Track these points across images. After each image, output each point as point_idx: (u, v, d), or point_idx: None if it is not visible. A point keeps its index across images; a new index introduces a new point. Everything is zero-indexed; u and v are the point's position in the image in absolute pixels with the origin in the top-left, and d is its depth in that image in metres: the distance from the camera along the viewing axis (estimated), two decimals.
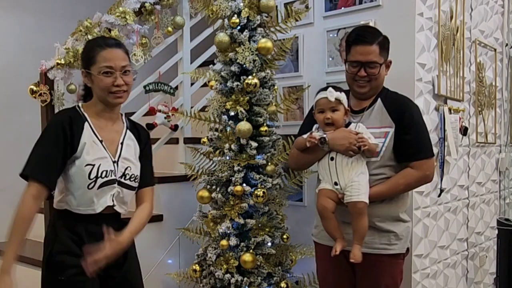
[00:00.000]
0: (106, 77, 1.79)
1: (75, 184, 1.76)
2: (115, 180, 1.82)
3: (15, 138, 3.73)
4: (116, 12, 2.76)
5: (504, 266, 3.18)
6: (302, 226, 2.87)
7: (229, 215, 2.50)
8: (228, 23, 2.55)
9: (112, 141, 1.86)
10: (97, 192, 1.78)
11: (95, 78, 1.80)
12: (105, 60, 1.79)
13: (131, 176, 1.87)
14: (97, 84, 1.80)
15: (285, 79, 3.04)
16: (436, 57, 2.75)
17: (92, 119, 1.84)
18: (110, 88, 1.80)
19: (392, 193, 2.06)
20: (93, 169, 1.76)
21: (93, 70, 1.80)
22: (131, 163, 1.88)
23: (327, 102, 2.02)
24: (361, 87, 2.10)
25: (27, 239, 1.94)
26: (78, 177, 1.76)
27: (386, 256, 2.07)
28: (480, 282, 3.41)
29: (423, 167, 2.05)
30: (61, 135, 1.73)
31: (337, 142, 1.98)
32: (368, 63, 2.05)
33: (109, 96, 1.81)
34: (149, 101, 3.14)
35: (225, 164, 2.55)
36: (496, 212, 3.62)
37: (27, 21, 3.91)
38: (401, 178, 2.05)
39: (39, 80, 2.72)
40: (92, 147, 1.78)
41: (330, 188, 2.03)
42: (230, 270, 2.48)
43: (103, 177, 1.78)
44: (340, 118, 2.03)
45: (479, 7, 3.27)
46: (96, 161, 1.77)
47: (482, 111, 3.35)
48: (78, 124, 1.78)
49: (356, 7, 2.76)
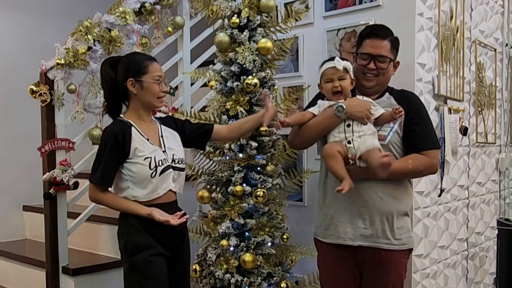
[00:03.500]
0: (158, 85, 2.13)
1: (139, 177, 2.08)
2: (169, 166, 2.14)
3: (15, 138, 3.74)
4: (116, 12, 2.76)
5: (504, 266, 3.18)
6: (302, 226, 2.87)
7: (229, 215, 2.50)
8: (228, 23, 2.55)
9: (155, 137, 2.19)
10: (159, 179, 2.10)
11: (149, 85, 2.12)
12: (156, 71, 2.14)
13: (179, 160, 2.20)
14: (150, 90, 2.12)
15: (285, 79, 3.04)
16: (436, 57, 2.75)
17: (136, 124, 2.14)
18: (159, 94, 2.15)
19: (400, 172, 2.05)
20: (151, 160, 2.08)
21: (145, 78, 2.11)
22: (175, 150, 2.21)
23: (335, 71, 2.07)
24: (368, 80, 2.13)
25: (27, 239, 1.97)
26: (141, 170, 2.07)
27: (395, 253, 2.07)
28: (480, 282, 3.41)
29: (431, 156, 2.08)
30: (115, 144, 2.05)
31: (356, 109, 2.01)
32: (378, 56, 2.09)
33: (156, 100, 2.16)
34: None
35: (225, 164, 2.55)
36: (496, 212, 3.62)
37: (27, 21, 3.91)
38: (411, 158, 2.07)
39: (39, 80, 2.71)
40: (144, 146, 2.10)
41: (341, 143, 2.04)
42: (230, 270, 2.48)
43: (160, 165, 2.10)
44: (348, 86, 2.08)
45: (479, 7, 3.27)
46: (151, 153, 2.09)
47: (482, 111, 3.35)
48: (127, 132, 2.09)
49: (356, 7, 2.76)
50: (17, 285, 3.20)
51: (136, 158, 2.08)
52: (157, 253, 2.10)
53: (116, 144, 2.06)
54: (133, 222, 2.10)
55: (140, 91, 2.13)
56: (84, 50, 2.66)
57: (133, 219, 2.10)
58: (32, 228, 3.66)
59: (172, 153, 2.18)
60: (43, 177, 2.69)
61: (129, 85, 2.12)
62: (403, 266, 2.13)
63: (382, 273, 2.09)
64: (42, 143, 2.71)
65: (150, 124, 2.22)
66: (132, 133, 2.10)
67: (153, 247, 2.09)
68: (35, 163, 2.93)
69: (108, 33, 2.70)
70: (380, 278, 2.09)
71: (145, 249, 2.08)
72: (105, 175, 2.08)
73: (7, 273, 3.29)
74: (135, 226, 2.09)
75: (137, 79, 2.11)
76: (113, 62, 2.19)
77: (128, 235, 2.11)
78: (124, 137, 2.07)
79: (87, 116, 2.79)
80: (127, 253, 2.11)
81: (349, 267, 2.14)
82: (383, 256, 2.06)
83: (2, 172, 3.71)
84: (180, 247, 2.23)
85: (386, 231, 2.07)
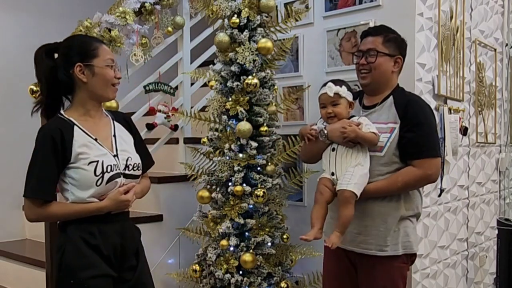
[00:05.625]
0: (111, 70, 1.83)
1: (81, 184, 1.75)
2: (120, 174, 1.82)
3: (15, 138, 3.73)
4: (116, 12, 2.76)
5: (504, 266, 3.18)
6: (302, 226, 2.87)
7: (229, 215, 2.50)
8: (228, 23, 2.55)
9: (106, 136, 1.85)
10: (105, 187, 1.77)
11: (100, 70, 1.80)
12: (108, 53, 1.84)
13: (134, 165, 1.88)
14: (101, 76, 1.81)
15: (285, 79, 3.03)
16: (436, 57, 2.75)
17: (80, 121, 1.82)
18: (114, 80, 1.84)
19: (391, 190, 2.04)
20: (97, 165, 1.75)
21: (96, 63, 1.80)
22: (130, 153, 1.89)
23: (327, 97, 2.07)
24: (363, 78, 2.14)
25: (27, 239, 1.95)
26: (84, 176, 1.74)
27: (382, 258, 2.05)
28: (480, 282, 3.41)
29: (424, 166, 2.02)
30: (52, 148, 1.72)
31: (333, 133, 2.02)
32: (367, 51, 2.11)
33: (110, 88, 1.84)
34: (149, 101, 3.13)
35: (225, 164, 2.55)
36: (496, 212, 3.62)
37: (27, 21, 3.91)
38: (400, 175, 2.03)
39: None
40: (90, 148, 1.78)
41: (328, 177, 2.05)
42: (230, 270, 2.48)
43: (109, 171, 1.77)
44: (342, 111, 2.06)
45: (479, 7, 3.27)
46: (98, 157, 1.77)
47: (482, 111, 3.35)
48: (68, 132, 1.76)
49: (356, 7, 2.76)
50: (17, 285, 3.20)
51: (79, 162, 1.74)
52: (97, 275, 1.73)
53: (53, 147, 1.71)
54: (73, 233, 1.76)
55: (90, 78, 1.79)
56: None
57: (74, 229, 1.76)
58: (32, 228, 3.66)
59: (125, 157, 1.85)
60: None
61: (77, 72, 1.78)
62: (397, 270, 2.08)
63: (372, 276, 2.08)
64: None
65: (98, 121, 1.87)
66: (74, 133, 1.76)
67: (93, 267, 1.73)
68: None
69: (108, 33, 2.70)
70: (371, 281, 2.08)
71: (83, 268, 1.72)
72: (43, 185, 1.72)
73: (7, 273, 3.28)
74: (74, 239, 1.75)
75: (87, 64, 1.79)
76: (49, 50, 1.86)
77: (64, 249, 1.76)
78: (63, 139, 1.73)
79: None
80: (61, 272, 1.75)
81: (346, 267, 2.15)
82: (373, 260, 2.05)
83: (2, 172, 3.71)
84: (135, 267, 1.88)
85: (379, 236, 2.05)
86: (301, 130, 2.19)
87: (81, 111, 1.84)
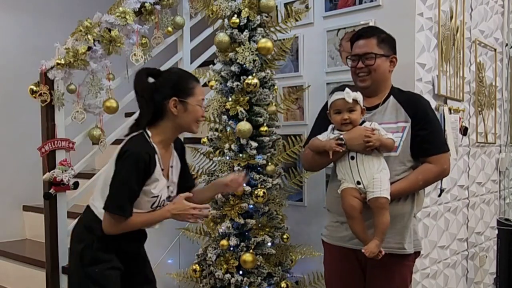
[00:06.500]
0: (201, 108, 1.99)
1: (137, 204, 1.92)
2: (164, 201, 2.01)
3: (15, 138, 3.74)
4: (116, 12, 2.76)
5: (504, 266, 3.18)
6: (302, 226, 2.88)
7: (229, 215, 2.50)
8: (228, 23, 2.55)
9: (166, 165, 2.00)
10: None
11: (193, 108, 1.95)
12: (202, 93, 1.99)
13: (172, 198, 2.04)
14: (193, 113, 1.96)
15: (285, 79, 3.03)
16: (436, 57, 2.75)
17: (159, 149, 1.95)
18: (200, 118, 2.00)
19: (412, 190, 2.07)
20: (156, 200, 1.95)
21: (190, 100, 1.94)
22: (175, 185, 2.07)
23: (344, 103, 2.00)
24: (362, 80, 2.13)
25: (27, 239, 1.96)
26: (144, 205, 1.94)
27: (399, 256, 2.05)
28: (480, 282, 3.41)
29: (441, 161, 2.07)
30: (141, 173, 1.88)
31: (355, 142, 1.98)
32: (364, 55, 2.10)
33: (195, 124, 1.99)
34: None
35: (225, 164, 2.55)
36: (496, 212, 3.62)
37: (27, 21, 3.91)
38: (420, 174, 2.06)
39: (39, 80, 2.71)
40: (159, 179, 1.94)
41: (353, 187, 2.01)
42: (230, 270, 2.48)
43: (160, 205, 1.98)
44: (358, 118, 2.03)
45: (479, 7, 3.27)
46: (160, 191, 1.96)
47: (482, 111, 3.35)
48: (152, 159, 1.90)
49: (356, 7, 2.76)
50: (17, 285, 3.20)
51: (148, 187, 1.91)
52: (114, 267, 1.97)
53: (143, 172, 1.88)
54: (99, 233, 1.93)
55: (182, 113, 1.94)
56: (84, 50, 2.66)
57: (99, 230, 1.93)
58: (32, 228, 3.66)
59: (172, 189, 2.05)
60: (43, 177, 2.69)
61: (171, 104, 1.92)
62: (407, 269, 2.12)
63: (385, 276, 2.07)
64: (42, 143, 2.71)
65: (166, 152, 2.01)
66: (156, 161, 1.92)
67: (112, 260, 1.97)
68: (35, 163, 2.93)
69: (108, 33, 2.70)
70: (383, 281, 2.08)
71: (105, 261, 1.94)
72: (130, 206, 1.90)
73: (7, 273, 3.29)
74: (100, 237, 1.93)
75: (182, 100, 1.93)
76: (151, 74, 1.99)
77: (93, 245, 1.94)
78: (149, 164, 1.89)
79: (87, 116, 2.79)
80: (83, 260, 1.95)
81: (353, 267, 2.13)
82: (387, 259, 2.02)
83: (2, 172, 3.71)
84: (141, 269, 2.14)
85: (397, 235, 2.04)
86: (325, 145, 2.05)
87: (162, 137, 1.97)
